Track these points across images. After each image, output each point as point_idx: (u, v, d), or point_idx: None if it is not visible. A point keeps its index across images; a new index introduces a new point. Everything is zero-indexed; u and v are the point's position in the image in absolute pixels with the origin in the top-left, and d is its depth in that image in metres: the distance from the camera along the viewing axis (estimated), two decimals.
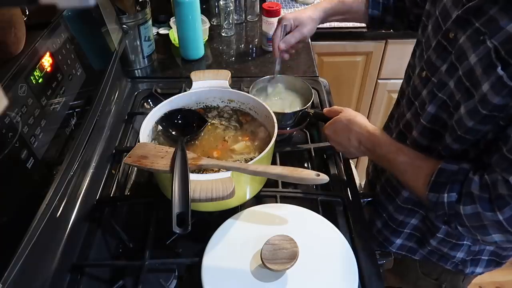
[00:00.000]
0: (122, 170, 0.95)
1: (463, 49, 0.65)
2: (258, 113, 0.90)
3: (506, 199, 0.60)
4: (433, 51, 0.74)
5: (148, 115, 0.85)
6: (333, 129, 0.84)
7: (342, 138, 0.83)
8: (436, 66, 0.73)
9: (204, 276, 0.67)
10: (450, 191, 0.65)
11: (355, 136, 0.80)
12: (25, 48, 0.69)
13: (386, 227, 0.92)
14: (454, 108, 0.68)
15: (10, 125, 0.61)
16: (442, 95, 0.71)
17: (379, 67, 1.63)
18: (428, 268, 0.95)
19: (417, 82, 0.79)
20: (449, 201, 0.65)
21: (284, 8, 1.60)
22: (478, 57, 0.61)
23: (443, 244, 0.84)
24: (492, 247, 0.83)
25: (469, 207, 0.63)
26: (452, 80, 0.68)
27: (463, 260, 0.86)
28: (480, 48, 0.61)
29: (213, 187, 0.65)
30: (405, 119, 0.83)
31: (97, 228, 0.80)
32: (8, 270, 0.58)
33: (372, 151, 0.79)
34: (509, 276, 1.82)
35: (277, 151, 0.93)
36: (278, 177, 0.73)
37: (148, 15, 1.20)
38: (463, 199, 0.64)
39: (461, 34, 0.66)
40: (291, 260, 0.65)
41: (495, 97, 0.59)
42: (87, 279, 0.73)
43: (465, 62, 0.64)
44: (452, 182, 0.65)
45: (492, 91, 0.59)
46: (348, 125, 0.81)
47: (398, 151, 0.74)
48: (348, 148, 0.83)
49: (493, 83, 0.59)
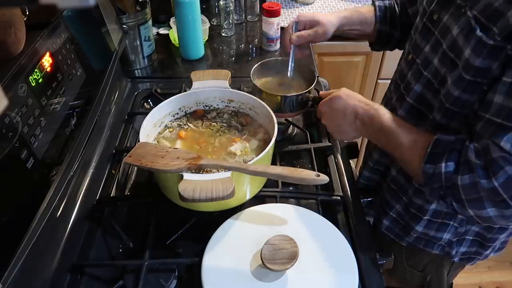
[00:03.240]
0: (122, 170, 0.95)
1: (446, 25, 0.69)
2: (258, 113, 0.90)
3: (499, 163, 0.59)
4: (418, 34, 0.78)
5: (148, 115, 0.85)
6: (329, 104, 0.81)
7: (337, 113, 0.80)
8: (421, 47, 0.76)
9: (204, 276, 0.67)
10: (448, 160, 0.64)
11: (352, 108, 0.78)
12: (25, 48, 0.69)
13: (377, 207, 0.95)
14: (440, 84, 0.71)
15: (10, 125, 0.61)
16: (427, 74, 0.74)
17: (379, 67, 1.63)
18: (414, 259, 0.96)
19: (403, 65, 0.82)
20: (446, 171, 0.64)
21: (284, 8, 1.60)
22: (460, 27, 0.65)
23: (429, 227, 0.85)
24: (478, 228, 0.84)
25: (466, 177, 0.63)
26: (436, 57, 0.71)
27: (449, 241, 0.87)
28: (461, 20, 0.65)
29: (213, 187, 0.65)
30: (391, 102, 0.85)
31: (97, 228, 0.80)
32: (8, 270, 0.58)
33: (368, 125, 0.76)
34: (509, 276, 1.82)
35: (277, 151, 0.93)
36: (278, 177, 0.73)
37: (148, 15, 1.20)
38: (461, 169, 0.63)
39: (444, 13, 0.70)
40: (291, 260, 0.65)
41: (476, 59, 0.62)
42: (87, 279, 0.73)
43: (448, 35, 0.68)
44: (450, 151, 0.65)
45: (473, 53, 0.62)
46: (346, 99, 0.79)
47: (398, 125, 0.72)
48: (341, 126, 0.81)
49: (473, 46, 0.62)
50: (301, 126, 1.06)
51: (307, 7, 1.62)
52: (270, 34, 1.33)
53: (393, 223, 0.92)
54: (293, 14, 1.57)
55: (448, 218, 0.83)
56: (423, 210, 0.84)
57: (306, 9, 1.61)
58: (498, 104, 0.60)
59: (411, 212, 0.86)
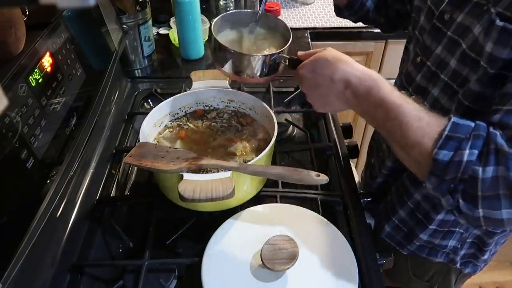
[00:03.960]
0: (122, 170, 0.95)
1: (465, 25, 0.63)
2: (258, 113, 0.90)
3: None
4: (428, 35, 0.72)
5: (148, 115, 0.85)
6: (311, 68, 0.67)
7: (322, 79, 0.66)
8: (431, 50, 0.71)
9: (204, 276, 0.67)
10: (473, 147, 0.54)
11: (342, 75, 0.64)
12: (25, 48, 0.69)
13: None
14: (460, 85, 0.65)
15: (10, 125, 0.61)
16: (443, 77, 0.68)
17: (379, 67, 1.63)
18: (420, 269, 0.94)
19: (411, 68, 0.76)
20: (469, 159, 0.54)
21: (284, 8, 1.60)
22: (483, 26, 0.59)
23: (435, 236, 0.83)
24: (479, 232, 0.82)
25: (491, 169, 0.53)
26: (453, 59, 0.66)
27: (454, 248, 0.85)
28: (484, 18, 0.59)
29: (213, 187, 0.65)
30: None
31: (97, 228, 0.80)
32: (8, 270, 0.58)
33: (363, 98, 0.63)
34: (509, 276, 1.82)
35: (277, 151, 0.93)
36: (278, 177, 0.73)
37: (148, 15, 1.20)
38: (486, 159, 0.53)
39: (458, 13, 0.64)
40: (291, 260, 0.65)
41: (502, 51, 0.56)
42: (87, 279, 0.73)
43: (469, 35, 0.62)
44: (475, 137, 0.54)
45: (498, 46, 0.56)
46: (334, 62, 0.65)
47: (402, 100, 0.60)
48: (326, 96, 0.67)
49: (496, 38, 0.56)
50: (301, 126, 1.06)
51: (307, 7, 1.62)
52: None
53: (394, 229, 0.89)
54: (293, 14, 1.57)
55: (454, 225, 0.80)
56: (429, 219, 0.80)
57: (306, 9, 1.61)
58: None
59: (417, 218, 0.82)
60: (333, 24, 1.51)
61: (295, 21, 1.53)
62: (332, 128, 1.01)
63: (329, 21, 1.52)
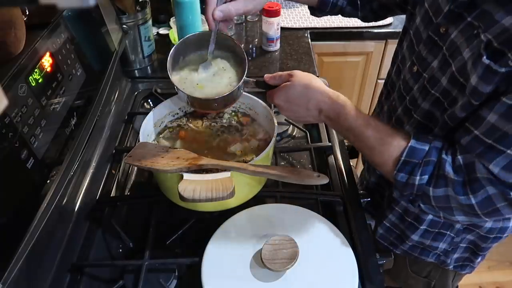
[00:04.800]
0: (122, 170, 0.95)
1: (456, 44, 0.63)
2: (258, 113, 0.90)
3: (482, 183, 0.59)
4: (423, 45, 0.72)
5: (148, 115, 0.85)
6: (285, 97, 0.74)
7: (297, 107, 0.74)
8: (427, 61, 0.71)
9: (204, 276, 0.67)
10: (423, 174, 0.63)
11: (315, 103, 0.72)
12: (25, 48, 0.69)
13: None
14: (450, 104, 0.66)
15: (10, 125, 0.61)
16: (434, 92, 0.69)
17: (379, 67, 1.63)
18: (418, 266, 0.95)
19: (408, 77, 0.77)
20: (420, 183, 0.64)
21: (284, 8, 1.60)
22: (472, 51, 0.60)
23: (426, 236, 0.84)
24: (473, 237, 0.83)
25: (440, 190, 0.62)
26: (444, 77, 0.66)
27: (445, 251, 0.86)
28: (474, 43, 0.59)
29: (213, 187, 0.65)
30: (397, 114, 0.81)
31: (97, 228, 0.80)
32: (8, 270, 0.58)
33: (335, 121, 0.72)
34: (509, 276, 1.82)
35: (277, 151, 0.93)
36: (278, 177, 0.73)
37: (148, 15, 1.20)
38: (435, 181, 0.63)
39: (453, 28, 0.64)
40: (291, 260, 0.65)
41: (486, 87, 0.57)
42: (87, 279, 0.73)
43: (458, 57, 0.63)
44: (425, 163, 0.63)
45: (482, 81, 0.57)
46: (305, 92, 0.72)
47: (366, 125, 0.68)
48: (305, 118, 0.76)
49: (481, 74, 0.57)
50: (301, 126, 1.06)
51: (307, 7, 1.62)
52: (270, 34, 1.33)
53: (387, 231, 0.90)
54: (293, 14, 1.57)
55: (445, 228, 0.82)
56: (419, 220, 0.82)
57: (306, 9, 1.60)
58: (490, 124, 0.57)
59: (407, 222, 0.84)
60: (333, 24, 1.51)
61: (295, 21, 1.53)
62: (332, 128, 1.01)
63: (329, 21, 1.52)
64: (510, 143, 0.56)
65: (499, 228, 0.80)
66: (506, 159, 0.56)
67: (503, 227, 0.80)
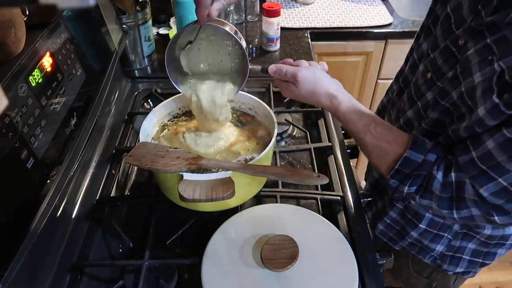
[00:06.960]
0: (122, 170, 0.95)
1: (469, 63, 0.61)
2: (258, 113, 0.90)
3: (468, 203, 0.61)
4: (439, 54, 0.70)
5: (148, 115, 0.85)
6: (311, 73, 0.76)
7: (319, 87, 0.76)
8: (442, 71, 0.69)
9: (204, 276, 0.67)
10: (411, 185, 0.67)
11: (333, 90, 0.75)
12: (25, 48, 0.69)
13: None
14: (458, 118, 0.66)
15: (10, 125, 0.61)
16: (445, 103, 0.68)
17: (379, 67, 1.63)
18: (420, 265, 0.95)
19: (421, 82, 0.75)
20: (408, 192, 0.68)
21: (284, 8, 1.60)
22: (483, 77, 0.58)
23: (424, 236, 0.85)
24: (474, 245, 0.83)
25: (425, 201, 0.66)
26: (455, 92, 0.65)
27: (442, 254, 0.86)
28: (486, 69, 0.58)
29: (213, 187, 0.65)
30: (406, 116, 0.79)
31: (97, 228, 0.80)
32: (8, 270, 0.58)
33: (343, 123, 0.76)
34: (509, 276, 1.82)
35: (277, 151, 0.93)
36: (278, 177, 0.73)
37: (148, 15, 1.20)
38: (422, 193, 0.66)
39: (472, 44, 0.62)
40: (291, 260, 0.65)
41: (492, 121, 0.57)
42: (87, 279, 0.73)
43: (468, 79, 0.61)
44: (415, 177, 0.66)
45: (490, 116, 0.57)
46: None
47: (366, 132, 0.72)
48: (316, 96, 0.77)
49: (489, 109, 0.57)
50: (301, 126, 1.06)
51: (307, 7, 1.62)
52: (270, 34, 1.33)
53: (387, 227, 0.91)
54: (293, 14, 1.57)
55: (443, 230, 0.82)
56: (419, 217, 0.82)
57: (306, 9, 1.61)
58: (487, 149, 0.58)
59: (407, 218, 0.85)
60: (333, 24, 1.51)
61: (295, 21, 1.53)
62: (332, 128, 1.01)
63: (329, 21, 1.53)
64: (502, 173, 0.57)
65: (500, 235, 0.80)
66: (496, 186, 0.59)
67: (505, 235, 0.81)
